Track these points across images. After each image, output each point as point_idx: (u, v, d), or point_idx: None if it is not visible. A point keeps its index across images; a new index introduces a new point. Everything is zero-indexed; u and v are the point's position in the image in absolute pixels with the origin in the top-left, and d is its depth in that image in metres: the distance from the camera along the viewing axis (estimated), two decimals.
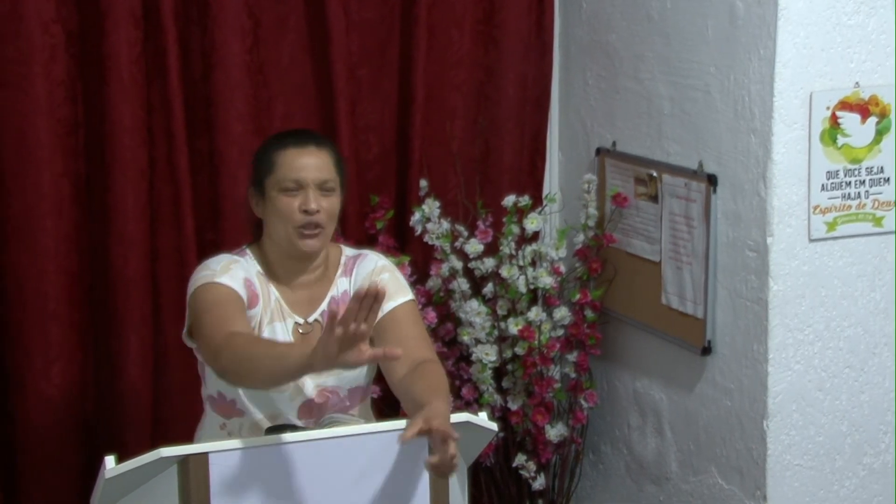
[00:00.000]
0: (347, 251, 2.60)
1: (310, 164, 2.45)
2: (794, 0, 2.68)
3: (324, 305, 2.51)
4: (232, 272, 2.44)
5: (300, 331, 2.49)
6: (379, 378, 2.58)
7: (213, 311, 2.37)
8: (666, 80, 3.05)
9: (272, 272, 2.51)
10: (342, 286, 2.53)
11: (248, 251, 2.53)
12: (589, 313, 3.31)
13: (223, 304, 2.39)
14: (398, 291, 2.50)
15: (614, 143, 3.29)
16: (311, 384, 2.47)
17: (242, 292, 2.43)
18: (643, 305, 3.18)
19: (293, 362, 2.12)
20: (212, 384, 2.50)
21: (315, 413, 2.48)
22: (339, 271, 2.55)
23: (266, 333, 2.45)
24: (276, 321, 2.47)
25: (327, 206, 2.45)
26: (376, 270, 2.52)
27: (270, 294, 2.49)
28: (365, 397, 2.60)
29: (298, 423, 2.47)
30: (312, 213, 2.42)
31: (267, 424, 2.46)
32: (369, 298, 1.99)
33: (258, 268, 2.50)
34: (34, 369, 2.97)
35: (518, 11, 3.37)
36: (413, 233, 3.25)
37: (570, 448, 3.38)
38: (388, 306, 2.46)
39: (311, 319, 2.50)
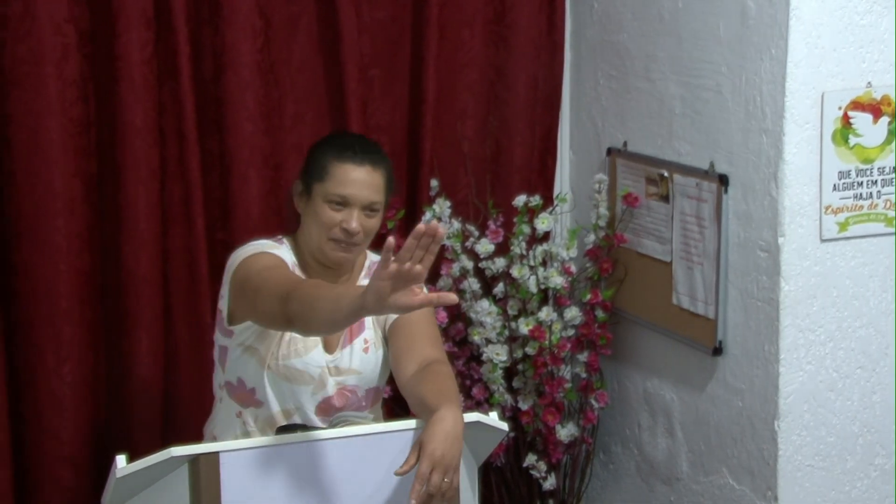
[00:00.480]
0: (372, 256, 2.62)
1: (362, 183, 2.45)
2: (805, 0, 2.68)
3: None
4: (280, 251, 2.48)
5: None
6: (390, 379, 2.59)
7: (273, 270, 2.37)
8: (677, 79, 3.05)
9: (304, 265, 2.53)
10: None
11: (284, 241, 2.55)
12: (600, 313, 3.31)
13: (281, 266, 2.41)
14: None
15: (625, 143, 3.28)
16: (332, 382, 2.48)
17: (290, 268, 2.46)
18: (654, 306, 3.17)
19: (347, 303, 2.07)
20: (232, 370, 2.50)
21: (332, 413, 2.49)
22: (363, 273, 2.58)
23: None
24: None
25: (368, 226, 2.46)
26: None
27: None
28: (378, 399, 2.62)
29: (315, 419, 2.48)
30: (353, 233, 2.43)
31: (282, 420, 2.47)
32: (427, 237, 1.94)
33: (293, 258, 2.52)
34: (45, 368, 2.97)
35: (529, 11, 3.36)
36: None
37: (580, 448, 3.38)
38: None
39: None
